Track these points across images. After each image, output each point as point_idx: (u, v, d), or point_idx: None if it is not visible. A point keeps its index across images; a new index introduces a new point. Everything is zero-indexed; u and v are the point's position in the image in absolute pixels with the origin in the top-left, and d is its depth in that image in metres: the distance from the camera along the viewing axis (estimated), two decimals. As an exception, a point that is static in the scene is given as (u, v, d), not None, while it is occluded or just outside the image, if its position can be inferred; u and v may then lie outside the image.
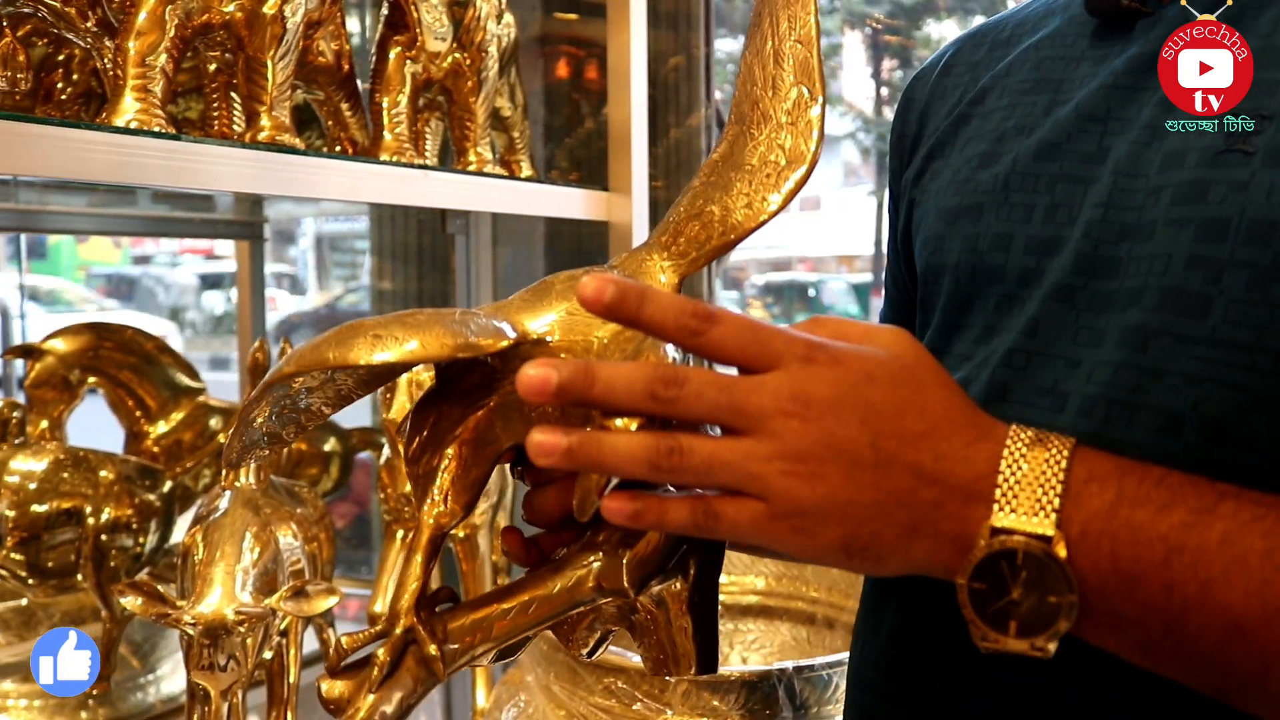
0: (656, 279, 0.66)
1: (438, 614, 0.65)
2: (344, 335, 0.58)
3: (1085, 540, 0.56)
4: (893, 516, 0.57)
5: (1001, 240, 0.76)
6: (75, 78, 1.22)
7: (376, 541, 2.19)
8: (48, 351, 1.50)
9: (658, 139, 1.93)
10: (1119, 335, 0.67)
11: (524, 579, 0.66)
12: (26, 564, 1.33)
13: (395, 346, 0.57)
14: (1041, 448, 0.57)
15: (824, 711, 1.10)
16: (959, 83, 0.88)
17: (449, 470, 0.64)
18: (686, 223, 0.67)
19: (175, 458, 1.62)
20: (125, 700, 1.52)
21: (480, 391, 0.63)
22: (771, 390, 0.56)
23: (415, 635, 0.63)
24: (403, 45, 1.25)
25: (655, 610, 0.67)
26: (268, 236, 2.07)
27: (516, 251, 2.10)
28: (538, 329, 0.61)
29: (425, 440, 0.65)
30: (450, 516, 0.65)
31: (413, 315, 0.59)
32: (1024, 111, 0.80)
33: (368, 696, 0.62)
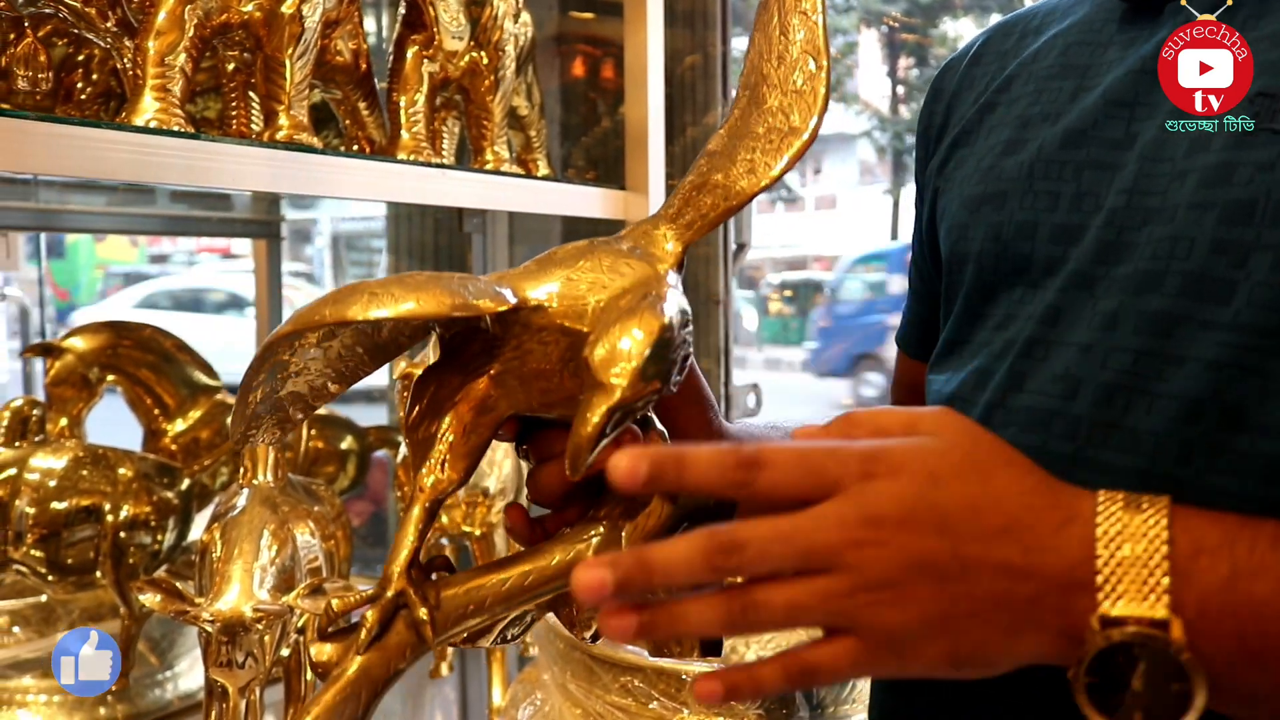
0: (662, 247, 0.66)
1: (432, 581, 0.64)
2: (342, 294, 0.58)
3: (1205, 620, 0.52)
4: (993, 621, 0.54)
5: (1026, 229, 0.75)
6: (95, 77, 1.23)
7: (392, 540, 2.20)
8: (67, 350, 1.51)
9: (674, 138, 1.92)
10: (1137, 320, 0.66)
11: (524, 551, 0.66)
12: (46, 561, 1.34)
13: (391, 304, 0.56)
14: (1135, 512, 0.53)
15: (840, 711, 1.10)
16: (987, 71, 0.87)
17: (448, 437, 0.64)
18: (692, 193, 0.68)
19: (193, 455, 1.63)
20: (143, 697, 1.52)
21: (481, 359, 0.63)
22: (836, 521, 0.53)
23: (406, 599, 0.62)
24: (420, 44, 1.25)
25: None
26: (285, 235, 2.07)
27: (533, 250, 2.09)
28: (537, 295, 0.61)
29: (425, 408, 0.65)
30: (448, 483, 0.64)
31: (411, 276, 0.58)
32: (1050, 98, 0.79)
33: (355, 658, 0.61)
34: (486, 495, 1.43)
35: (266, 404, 0.64)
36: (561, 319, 0.60)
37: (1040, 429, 0.69)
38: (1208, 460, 0.62)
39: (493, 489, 1.44)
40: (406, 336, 0.64)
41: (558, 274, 0.62)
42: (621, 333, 0.57)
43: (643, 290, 0.61)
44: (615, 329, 0.57)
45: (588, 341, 0.58)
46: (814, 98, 0.66)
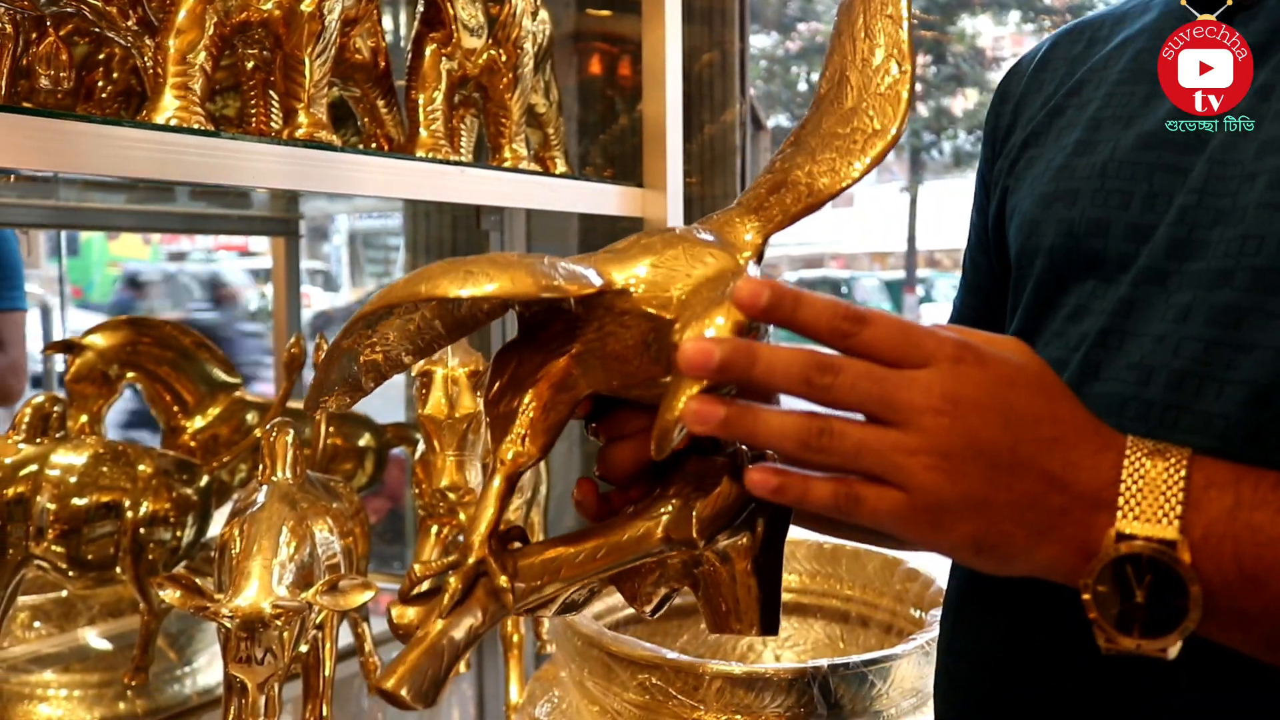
0: (741, 238, 0.67)
1: (509, 550, 0.66)
2: (434, 271, 0.59)
3: (1208, 543, 0.58)
4: (1024, 518, 0.59)
5: (1099, 225, 0.78)
6: (116, 76, 1.23)
7: (410, 536, 2.21)
8: (87, 347, 1.52)
9: (692, 135, 1.92)
10: (1208, 313, 0.69)
11: (594, 526, 0.67)
12: (66, 556, 1.35)
13: (485, 282, 0.58)
14: (1160, 458, 0.59)
15: (859, 710, 1.09)
16: (1055, 76, 0.90)
17: (529, 412, 0.65)
18: (773, 187, 0.68)
19: (212, 452, 1.64)
20: (162, 692, 1.53)
21: (562, 338, 0.65)
22: (923, 387, 0.58)
23: (487, 567, 0.64)
24: (438, 42, 1.25)
25: (720, 566, 0.69)
26: (303, 233, 2.08)
27: (550, 248, 2.10)
28: (622, 279, 0.62)
29: (506, 384, 0.66)
30: (527, 457, 0.66)
31: (504, 256, 0.60)
32: (1121, 102, 0.81)
33: (437, 622, 0.63)
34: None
35: (342, 373, 0.66)
36: (645, 304, 0.62)
37: (1115, 413, 0.72)
38: (1275, 441, 0.66)
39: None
40: (485, 313, 0.66)
41: (643, 259, 0.63)
42: (708, 321, 0.59)
43: (726, 280, 0.62)
44: (702, 317, 0.59)
45: (675, 328, 0.60)
46: (897, 101, 0.67)
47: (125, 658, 1.48)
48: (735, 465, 0.67)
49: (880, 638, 1.36)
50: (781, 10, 11.62)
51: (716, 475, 0.66)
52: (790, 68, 15.29)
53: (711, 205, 1.97)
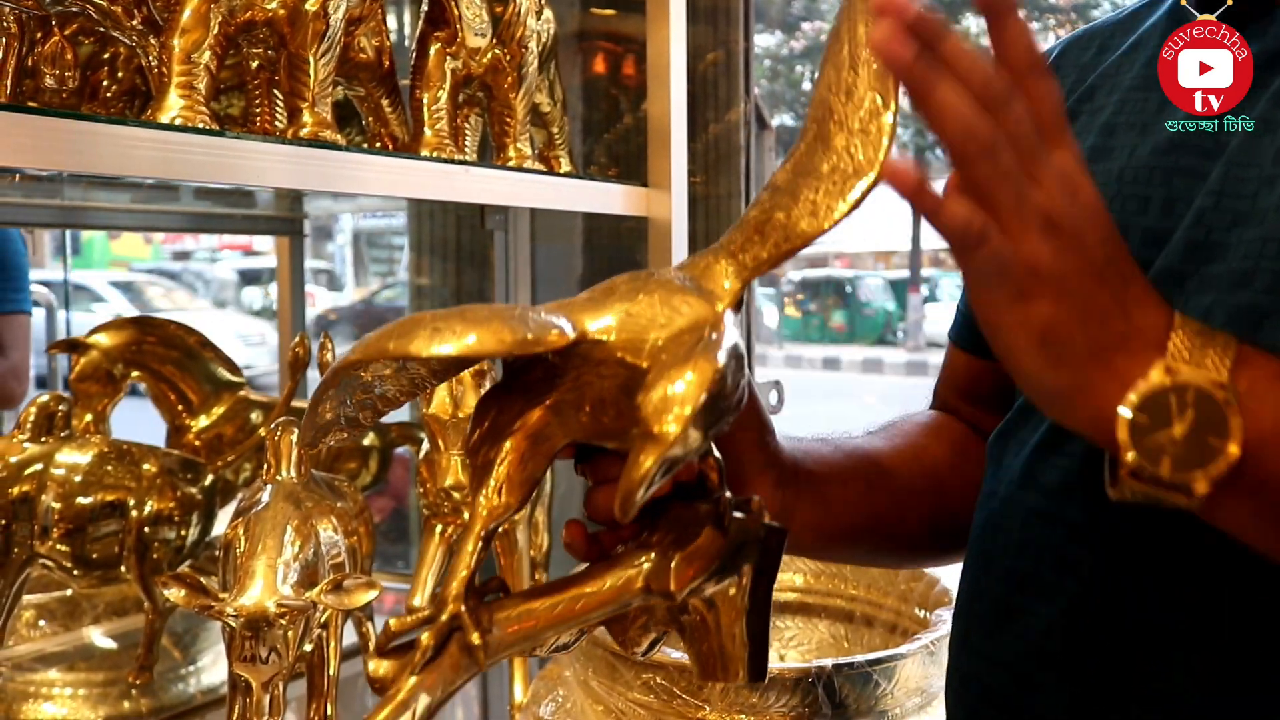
0: (720, 284, 0.65)
1: (485, 603, 0.65)
2: (406, 327, 0.58)
3: (1252, 396, 0.59)
4: (1091, 329, 0.60)
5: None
6: (121, 75, 1.23)
7: (414, 536, 2.21)
8: (92, 346, 1.52)
9: (697, 134, 1.92)
10: (1228, 315, 0.69)
11: (576, 574, 0.66)
12: (71, 555, 1.35)
13: (453, 340, 0.57)
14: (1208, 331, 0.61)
15: (864, 709, 1.09)
16: (1065, 82, 0.90)
17: (506, 464, 0.65)
18: (754, 229, 0.67)
19: (216, 451, 1.64)
20: (167, 691, 1.53)
21: (541, 387, 0.64)
22: (1059, 161, 0.59)
23: (460, 622, 0.63)
24: (443, 41, 1.25)
25: (706, 613, 0.67)
26: (307, 232, 2.08)
27: (555, 247, 2.10)
28: (596, 329, 0.61)
29: (485, 432, 0.66)
30: (504, 509, 0.65)
31: (474, 310, 0.59)
32: (1135, 108, 0.81)
33: (410, 678, 0.63)
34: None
35: (338, 414, 0.66)
36: (620, 353, 0.61)
37: None
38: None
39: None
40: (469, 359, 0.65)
41: (617, 307, 0.62)
42: (675, 380, 0.57)
43: (700, 331, 0.61)
44: (669, 376, 0.58)
45: (643, 384, 0.59)
46: (878, 138, 0.65)
47: (130, 656, 1.48)
48: (718, 513, 0.66)
49: (885, 637, 1.36)
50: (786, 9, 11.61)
51: (699, 523, 0.65)
52: (794, 67, 15.28)
53: (716, 204, 1.97)
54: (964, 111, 0.58)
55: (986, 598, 0.83)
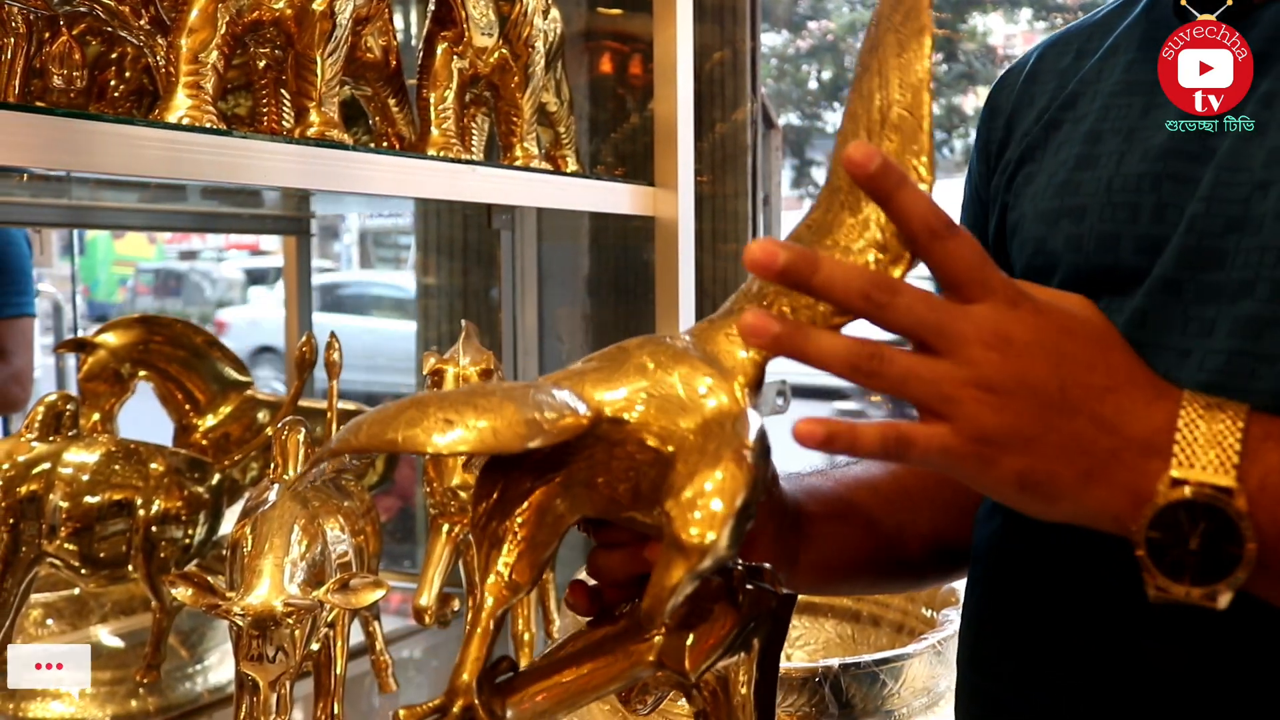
0: (737, 356, 0.62)
1: (498, 686, 0.63)
2: (412, 416, 0.55)
3: (1264, 494, 0.58)
4: (1072, 459, 0.58)
5: (1108, 240, 0.77)
6: (128, 75, 1.23)
7: (421, 535, 2.21)
8: (99, 345, 1.52)
9: (703, 134, 1.92)
10: (1231, 325, 0.69)
11: (583, 649, 0.65)
12: (79, 554, 1.35)
13: (465, 433, 0.54)
14: (1218, 409, 0.59)
15: (870, 708, 1.09)
16: (1045, 89, 0.89)
17: (515, 545, 0.62)
18: (775, 297, 0.63)
19: (223, 451, 1.64)
20: (174, 690, 1.54)
21: (550, 461, 0.61)
22: (976, 321, 0.58)
23: (474, 714, 0.61)
24: (450, 41, 1.25)
25: (715, 685, 0.66)
26: (314, 232, 2.08)
27: (561, 247, 2.10)
28: (614, 408, 0.58)
29: (491, 508, 0.63)
30: (513, 591, 0.63)
31: (485, 396, 0.56)
32: (1119, 114, 0.81)
33: None
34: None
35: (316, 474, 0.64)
36: (641, 435, 0.58)
37: None
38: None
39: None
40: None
41: (634, 383, 0.59)
42: (706, 485, 0.55)
43: (725, 421, 0.58)
44: (699, 480, 0.55)
45: (669, 486, 0.56)
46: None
47: (137, 655, 1.49)
48: (730, 588, 0.65)
49: (892, 637, 1.35)
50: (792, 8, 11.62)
51: (712, 598, 0.64)
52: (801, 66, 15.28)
53: (722, 204, 1.96)
54: (840, 347, 0.58)
55: (990, 612, 0.83)
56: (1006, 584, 0.81)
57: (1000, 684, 0.81)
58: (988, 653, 0.83)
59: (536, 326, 2.04)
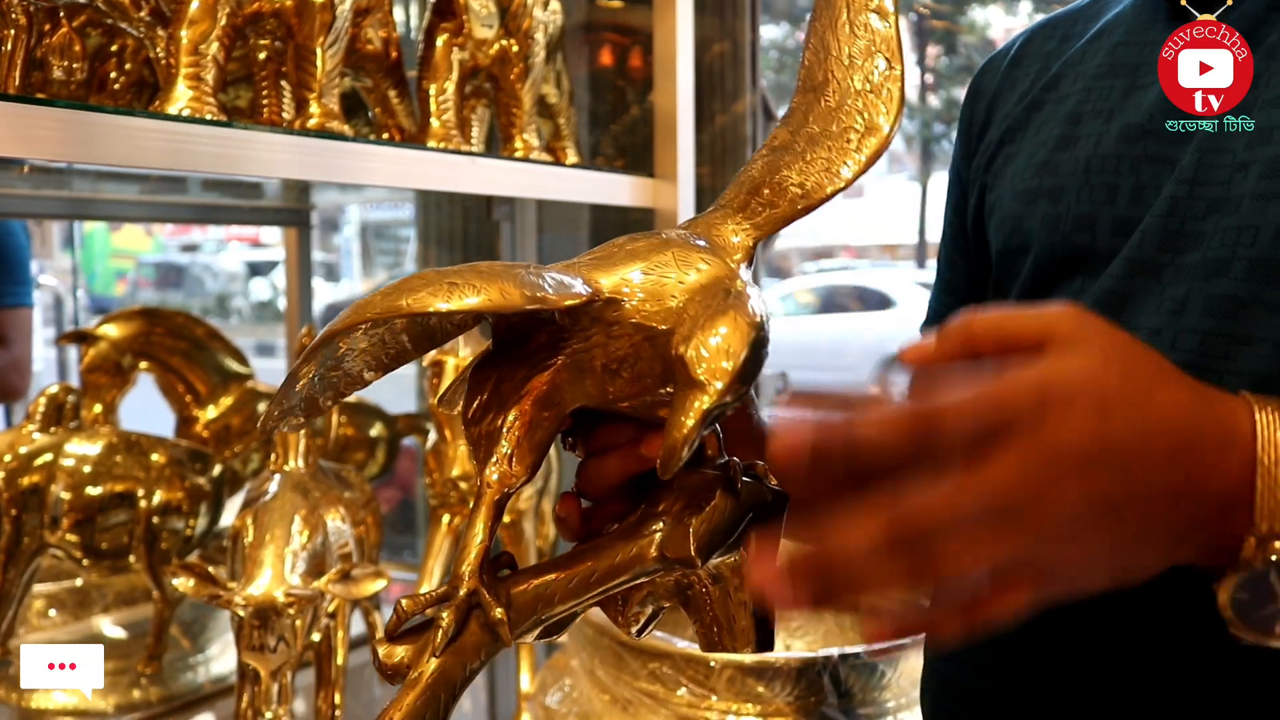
0: (729, 239, 0.64)
1: (501, 579, 0.62)
2: (416, 284, 0.56)
3: None
4: (1155, 542, 0.53)
5: (1085, 221, 0.77)
6: (129, 67, 1.23)
7: (421, 526, 2.21)
8: (101, 337, 1.52)
9: (703, 125, 1.92)
10: (1205, 304, 0.68)
11: (584, 548, 0.64)
12: (81, 545, 1.36)
13: (470, 294, 0.55)
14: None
15: (869, 698, 1.10)
16: (1029, 72, 0.89)
17: (514, 431, 0.62)
18: (759, 187, 0.66)
19: (224, 442, 1.65)
20: (176, 680, 1.54)
21: (546, 351, 0.61)
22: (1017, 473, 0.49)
23: (480, 599, 0.60)
24: (450, 32, 1.25)
25: (711, 586, 0.66)
26: (315, 223, 2.09)
27: (561, 238, 2.10)
28: (610, 287, 0.59)
29: (487, 400, 0.63)
30: (514, 478, 0.62)
31: (488, 266, 0.56)
32: (1100, 95, 0.80)
33: (431, 660, 0.60)
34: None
35: (304, 393, 0.63)
36: (639, 314, 0.59)
37: None
38: None
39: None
40: (455, 325, 0.63)
41: (631, 266, 0.60)
42: (716, 332, 0.55)
43: (721, 286, 0.59)
44: (708, 328, 0.56)
45: (677, 339, 0.57)
46: (890, 98, 0.65)
47: (139, 646, 1.49)
48: (728, 478, 0.64)
49: (891, 628, 1.36)
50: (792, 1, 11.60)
51: (709, 489, 0.63)
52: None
53: (722, 196, 1.96)
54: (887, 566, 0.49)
55: None
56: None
57: (966, 671, 0.81)
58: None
59: (536, 318, 2.04)
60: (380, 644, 0.61)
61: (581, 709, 1.17)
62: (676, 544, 0.62)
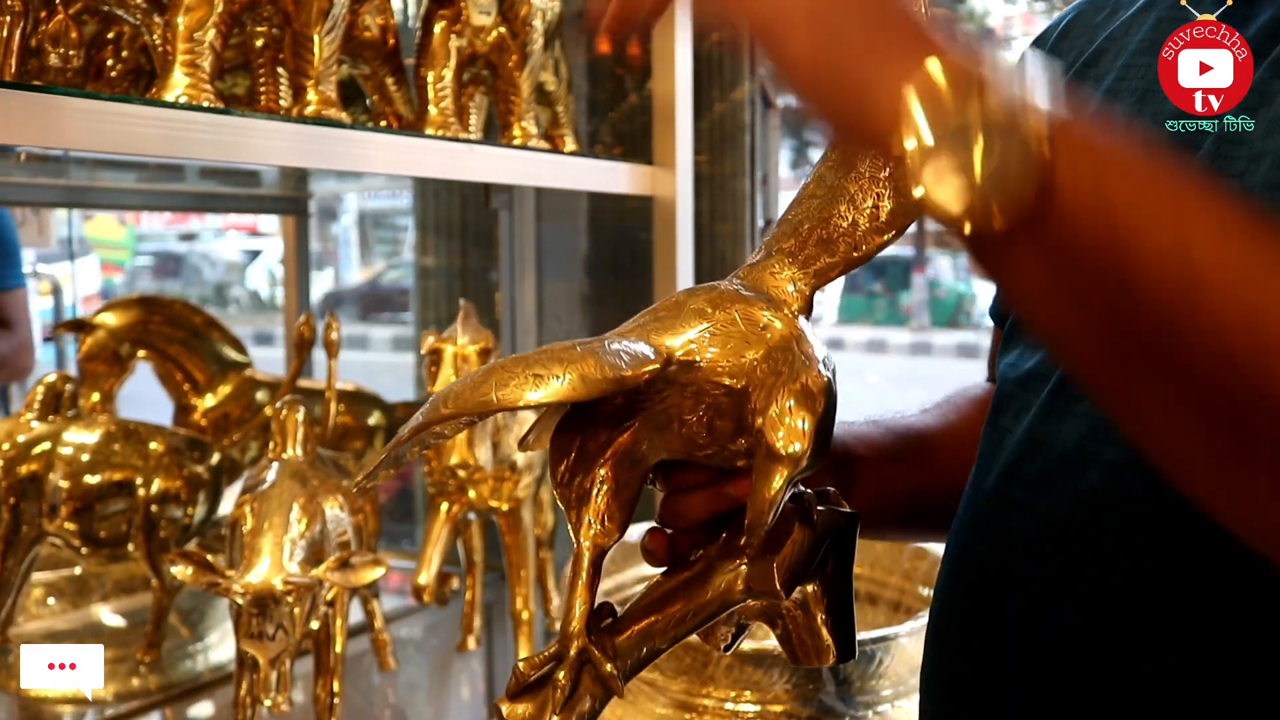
0: (785, 289, 0.65)
1: (605, 630, 0.66)
2: (503, 376, 0.58)
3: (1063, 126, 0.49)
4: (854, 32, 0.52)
5: None
6: (125, 54, 1.23)
7: (419, 515, 2.21)
8: (98, 326, 1.52)
9: (702, 113, 1.91)
10: None
11: (673, 589, 0.67)
12: (79, 533, 1.36)
13: (554, 383, 0.58)
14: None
15: (866, 686, 1.10)
16: (1075, 45, 0.88)
17: (604, 493, 0.65)
18: (811, 231, 0.66)
19: (222, 430, 1.65)
20: (175, 668, 1.54)
21: (624, 412, 0.64)
22: None
23: (590, 655, 0.64)
24: (448, 20, 1.25)
25: (796, 610, 0.69)
26: (313, 212, 2.08)
27: (560, 226, 2.10)
28: (681, 350, 0.61)
29: (573, 463, 0.66)
30: (607, 537, 0.65)
31: (566, 350, 0.59)
32: (1137, 74, 0.80)
33: (552, 718, 0.64)
34: (514, 470, 1.44)
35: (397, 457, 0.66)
36: (714, 375, 0.61)
37: None
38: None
39: (520, 464, 1.44)
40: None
41: (696, 324, 0.62)
42: (790, 401, 0.59)
43: (787, 346, 0.62)
44: (782, 397, 0.60)
45: (753, 409, 0.60)
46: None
47: (138, 634, 1.49)
48: (803, 509, 0.67)
49: (888, 615, 1.36)
50: (791, -12, 11.58)
51: (787, 521, 0.66)
52: (800, 46, 15.16)
53: (721, 183, 1.96)
54: None
55: (961, 589, 0.83)
56: (974, 559, 0.81)
57: (960, 660, 0.81)
58: (951, 628, 0.83)
59: (535, 306, 2.04)
60: (503, 703, 0.65)
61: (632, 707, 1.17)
62: (762, 579, 0.65)
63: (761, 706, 1.07)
